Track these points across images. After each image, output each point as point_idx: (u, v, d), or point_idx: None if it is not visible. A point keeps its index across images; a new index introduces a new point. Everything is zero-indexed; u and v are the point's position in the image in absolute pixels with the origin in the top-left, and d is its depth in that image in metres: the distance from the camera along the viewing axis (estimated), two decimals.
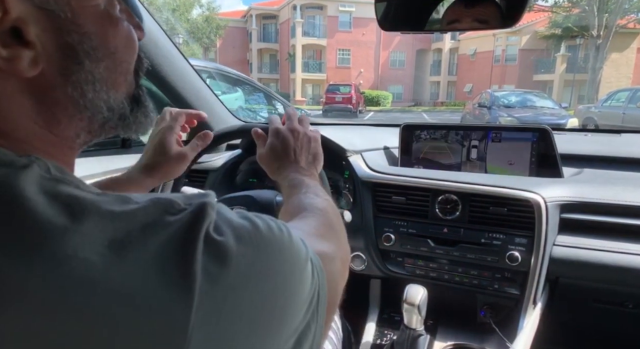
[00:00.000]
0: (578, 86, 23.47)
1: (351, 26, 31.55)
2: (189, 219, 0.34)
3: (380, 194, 1.29)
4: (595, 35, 19.49)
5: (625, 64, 24.39)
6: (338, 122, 2.13)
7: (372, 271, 1.33)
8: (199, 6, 27.64)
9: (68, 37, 0.38)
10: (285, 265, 0.39)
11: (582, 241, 1.11)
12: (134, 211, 0.34)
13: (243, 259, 0.35)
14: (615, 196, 1.11)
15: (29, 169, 0.34)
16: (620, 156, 1.30)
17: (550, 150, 1.23)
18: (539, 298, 1.15)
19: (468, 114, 13.07)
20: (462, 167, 1.33)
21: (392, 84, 32.06)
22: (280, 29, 33.27)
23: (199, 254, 0.32)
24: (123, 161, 1.39)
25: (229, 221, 0.37)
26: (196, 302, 0.31)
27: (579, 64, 24.00)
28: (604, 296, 1.15)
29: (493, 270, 1.18)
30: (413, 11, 1.18)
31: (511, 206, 1.14)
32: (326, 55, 31.62)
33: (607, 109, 10.99)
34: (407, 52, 33.01)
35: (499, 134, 1.28)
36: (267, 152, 0.78)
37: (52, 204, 0.32)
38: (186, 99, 1.44)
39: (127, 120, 0.46)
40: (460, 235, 1.20)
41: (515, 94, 12.87)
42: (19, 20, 0.35)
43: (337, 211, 0.67)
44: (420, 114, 21.05)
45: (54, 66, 0.38)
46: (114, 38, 0.42)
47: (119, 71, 0.44)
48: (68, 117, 0.41)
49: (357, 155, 1.33)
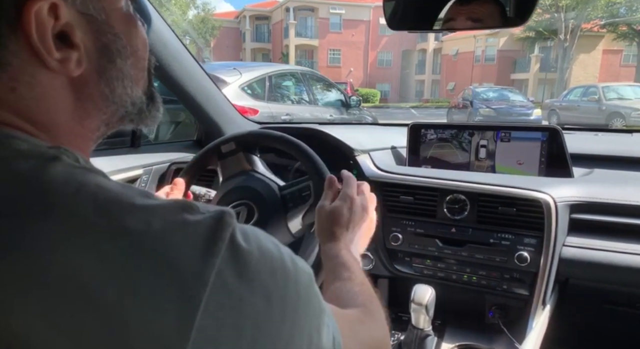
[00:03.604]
0: (550, 84, 23.89)
1: (341, 27, 31.60)
2: (210, 222, 0.33)
3: (388, 193, 1.21)
4: (563, 38, 20.18)
5: (592, 64, 25.23)
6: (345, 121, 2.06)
7: (380, 271, 1.26)
8: (194, 7, 27.47)
9: (104, 38, 0.40)
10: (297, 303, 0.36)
11: (592, 241, 1.03)
12: (155, 206, 0.33)
13: (259, 276, 0.33)
14: (626, 196, 1.03)
15: (57, 161, 0.34)
16: (631, 155, 1.22)
17: (560, 150, 1.15)
18: (549, 298, 1.07)
19: (453, 108, 14.27)
20: (470, 167, 1.25)
21: (380, 82, 32.14)
22: (273, 29, 33.14)
23: (217, 256, 0.31)
24: (132, 160, 1.32)
25: (257, 237, 0.36)
26: (203, 304, 0.29)
27: (551, 64, 24.69)
28: (614, 298, 1.07)
29: (502, 270, 1.10)
30: (421, 11, 1.10)
31: (520, 206, 1.06)
32: (318, 55, 31.62)
33: (566, 103, 12.78)
34: (394, 52, 33.11)
35: (508, 134, 1.19)
36: (330, 211, 0.73)
37: (78, 194, 0.32)
38: (196, 99, 1.37)
39: (143, 114, 0.47)
40: (468, 235, 1.12)
41: (493, 90, 14.64)
42: (67, 26, 0.37)
43: (374, 296, 0.61)
44: (409, 110, 21.13)
45: (92, 65, 0.40)
46: (136, 37, 0.44)
47: (139, 68, 0.45)
48: (97, 110, 0.42)
49: (365, 154, 1.25)
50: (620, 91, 11.93)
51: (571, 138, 1.18)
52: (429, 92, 32.08)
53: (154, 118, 0.49)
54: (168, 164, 1.41)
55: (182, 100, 1.36)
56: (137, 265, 0.30)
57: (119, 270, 0.29)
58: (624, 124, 10.36)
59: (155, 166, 1.37)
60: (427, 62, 32.39)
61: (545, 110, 13.32)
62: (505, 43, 27.04)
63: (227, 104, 1.53)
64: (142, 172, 1.32)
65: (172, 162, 1.42)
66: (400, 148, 1.39)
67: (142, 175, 1.31)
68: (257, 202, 0.93)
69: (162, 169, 1.40)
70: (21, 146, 0.34)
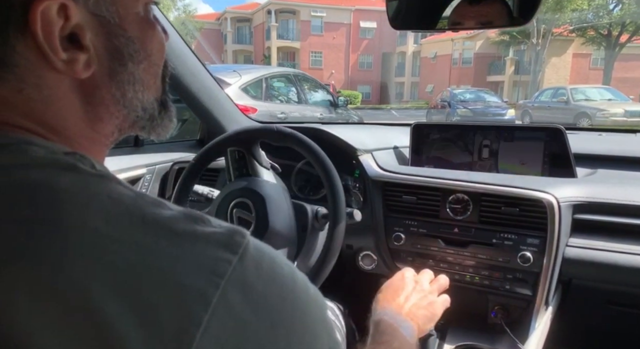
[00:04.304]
0: (524, 86, 24.42)
1: (322, 30, 31.68)
2: (220, 240, 0.32)
3: (390, 193, 1.19)
4: (535, 42, 20.68)
5: (563, 67, 25.91)
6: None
7: (382, 271, 1.24)
8: (175, 9, 27.18)
9: (116, 40, 0.39)
10: (304, 333, 0.34)
11: (596, 242, 1.01)
12: (166, 219, 0.32)
13: (266, 301, 0.32)
14: (630, 196, 1.01)
15: (72, 169, 0.34)
16: (635, 156, 1.20)
17: (563, 149, 1.13)
18: (552, 299, 1.06)
19: (432, 109, 14.76)
20: (473, 167, 1.22)
21: (361, 84, 32.29)
22: (254, 31, 32.99)
23: (223, 277, 0.30)
24: (135, 159, 1.31)
25: (272, 260, 0.34)
26: (204, 324, 0.28)
27: (525, 67, 25.17)
28: (617, 298, 1.06)
29: (504, 271, 1.08)
30: (424, 10, 1.08)
31: (523, 206, 1.04)
32: (300, 57, 31.62)
33: (538, 103, 13.42)
34: (374, 55, 33.33)
35: (511, 134, 1.17)
36: (385, 285, 0.80)
37: (90, 205, 0.31)
38: (199, 98, 1.34)
39: (155, 121, 0.46)
40: (471, 235, 1.10)
41: (469, 91, 15.32)
42: (77, 27, 0.36)
43: None
44: (390, 111, 21.34)
45: (102, 68, 0.38)
46: (150, 42, 0.42)
47: (151, 73, 0.44)
48: (109, 115, 0.41)
49: (368, 154, 1.22)
50: (587, 93, 12.70)
51: (574, 138, 1.17)
52: (408, 93, 32.37)
53: (166, 127, 0.48)
54: (171, 163, 1.39)
55: (186, 99, 1.33)
56: (141, 280, 0.29)
57: (123, 284, 0.29)
58: (589, 124, 10.82)
59: (158, 166, 1.35)
60: (407, 65, 32.69)
61: (519, 110, 13.88)
62: (482, 46, 27.49)
63: (230, 104, 1.51)
64: (145, 171, 1.31)
65: (175, 161, 1.40)
66: (403, 148, 1.37)
67: (145, 174, 1.30)
68: (256, 200, 0.92)
69: (165, 169, 1.38)
70: (37, 152, 0.34)
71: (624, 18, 19.82)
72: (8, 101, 0.35)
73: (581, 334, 1.21)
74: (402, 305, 0.74)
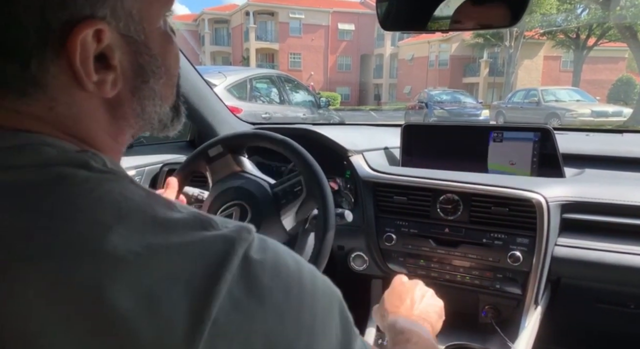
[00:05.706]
0: (498, 87, 24.80)
1: (301, 32, 31.54)
2: (227, 238, 0.33)
3: (381, 194, 1.18)
4: (508, 44, 21.10)
5: (535, 69, 26.41)
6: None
7: (374, 271, 1.22)
8: None
9: (141, 58, 0.39)
10: (312, 323, 0.35)
11: (584, 241, 1.02)
12: (176, 220, 0.33)
13: (271, 293, 0.32)
14: (617, 196, 1.02)
15: (84, 167, 0.34)
16: (622, 155, 1.21)
17: (551, 150, 1.13)
18: (541, 298, 1.06)
19: (410, 110, 14.86)
20: (463, 167, 1.22)
21: (340, 85, 32.25)
22: (232, 33, 32.66)
23: (229, 271, 0.31)
24: (125, 161, 1.26)
25: (276, 253, 0.35)
26: (212, 318, 0.29)
27: (499, 69, 25.55)
28: (605, 297, 1.06)
29: (495, 270, 1.08)
30: (414, 11, 1.06)
31: (513, 206, 1.04)
32: (279, 59, 31.39)
33: (511, 104, 13.66)
34: (353, 57, 33.38)
35: (501, 134, 1.17)
36: (388, 293, 0.79)
37: (101, 202, 0.32)
38: (189, 99, 1.32)
39: (166, 128, 0.46)
40: (461, 235, 1.10)
41: (446, 93, 15.61)
42: (107, 48, 0.36)
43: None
44: (369, 113, 21.40)
45: (127, 85, 0.39)
46: (169, 56, 0.43)
47: (170, 85, 0.44)
48: (128, 127, 0.42)
49: (359, 155, 1.20)
50: (557, 94, 12.99)
51: (563, 138, 1.17)
52: (386, 95, 32.54)
53: (174, 129, 0.49)
54: (160, 165, 1.36)
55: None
56: (151, 277, 0.29)
57: (134, 280, 0.29)
58: (559, 123, 11.07)
59: (147, 167, 1.32)
60: (385, 67, 32.79)
61: (493, 111, 14.13)
62: (457, 48, 27.82)
63: (220, 105, 1.48)
64: (135, 173, 1.27)
65: (165, 163, 1.37)
66: (393, 149, 1.36)
67: (134, 176, 1.26)
68: (249, 202, 0.90)
69: (155, 170, 1.35)
70: (50, 152, 0.34)
71: (591, 22, 20.39)
72: (40, 117, 0.35)
73: (570, 332, 1.22)
74: (411, 308, 0.73)
